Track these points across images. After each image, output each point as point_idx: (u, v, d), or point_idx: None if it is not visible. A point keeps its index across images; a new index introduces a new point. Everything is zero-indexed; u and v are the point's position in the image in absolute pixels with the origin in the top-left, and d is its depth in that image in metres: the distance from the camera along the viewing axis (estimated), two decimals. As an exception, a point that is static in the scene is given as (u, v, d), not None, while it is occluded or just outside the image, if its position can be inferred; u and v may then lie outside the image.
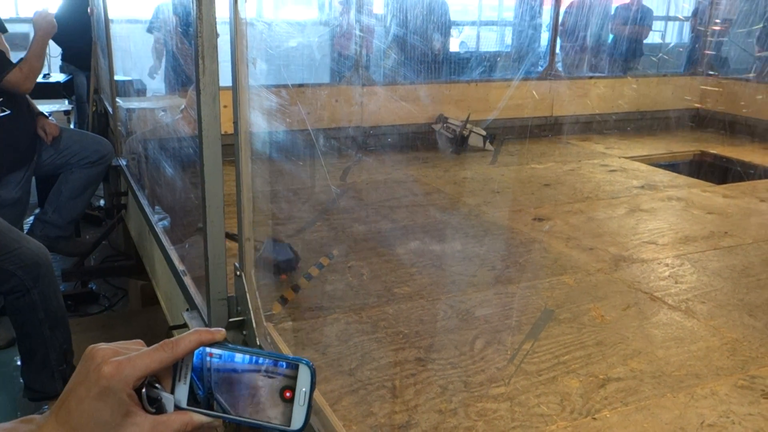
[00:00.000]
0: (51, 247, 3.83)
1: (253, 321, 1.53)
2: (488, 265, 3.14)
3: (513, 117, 5.95)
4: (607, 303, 2.78)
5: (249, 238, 1.53)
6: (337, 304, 2.67)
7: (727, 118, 6.48)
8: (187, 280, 2.17)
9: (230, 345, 0.86)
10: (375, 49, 6.43)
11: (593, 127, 6.28)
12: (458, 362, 2.29)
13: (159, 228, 2.97)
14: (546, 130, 6.10)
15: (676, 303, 2.80)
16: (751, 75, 7.02)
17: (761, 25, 6.90)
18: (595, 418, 2.01)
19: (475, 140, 5.44)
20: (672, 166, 5.37)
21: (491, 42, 11.88)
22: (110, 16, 4.70)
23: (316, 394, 1.43)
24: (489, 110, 5.82)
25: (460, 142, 5.38)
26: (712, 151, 5.72)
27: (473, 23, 12.19)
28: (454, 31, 10.95)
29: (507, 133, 5.88)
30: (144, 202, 3.59)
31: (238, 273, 1.58)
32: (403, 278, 2.95)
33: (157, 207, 3.56)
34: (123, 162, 4.49)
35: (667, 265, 3.20)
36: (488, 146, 5.46)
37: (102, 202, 6.28)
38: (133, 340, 0.88)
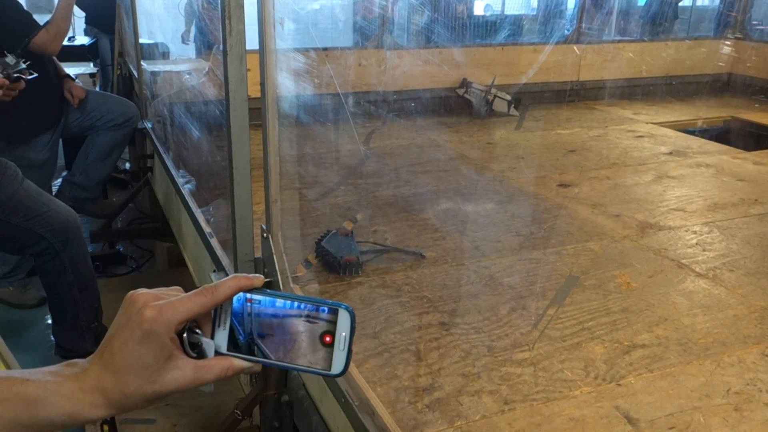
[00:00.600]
0: (78, 209, 3.88)
1: (280, 282, 1.54)
2: (513, 230, 3.12)
3: (538, 81, 5.86)
4: (633, 270, 2.76)
5: (276, 200, 1.53)
6: (362, 268, 2.68)
7: (761, 83, 6.32)
8: (214, 242, 2.19)
9: (269, 291, 0.86)
10: (398, 12, 6.34)
11: (621, 92, 6.17)
12: (482, 327, 2.29)
13: (185, 190, 2.99)
14: (572, 95, 6.00)
15: (704, 270, 2.77)
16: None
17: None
18: (619, 384, 2.01)
19: (499, 105, 5.37)
20: (701, 132, 5.27)
21: (517, 4, 11.65)
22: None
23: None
24: (514, 75, 5.73)
25: (484, 107, 5.32)
26: (742, 117, 5.59)
27: (500, -15, 11.94)
28: (479, -6, 10.76)
29: (532, 98, 5.80)
30: (170, 164, 3.61)
31: (264, 235, 1.58)
32: (427, 243, 2.95)
33: (182, 170, 3.58)
34: (149, 125, 4.51)
35: (695, 232, 3.16)
36: (513, 111, 5.39)
37: (128, 165, 6.33)
38: (172, 287, 0.89)
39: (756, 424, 1.85)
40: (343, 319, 0.83)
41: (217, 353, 0.86)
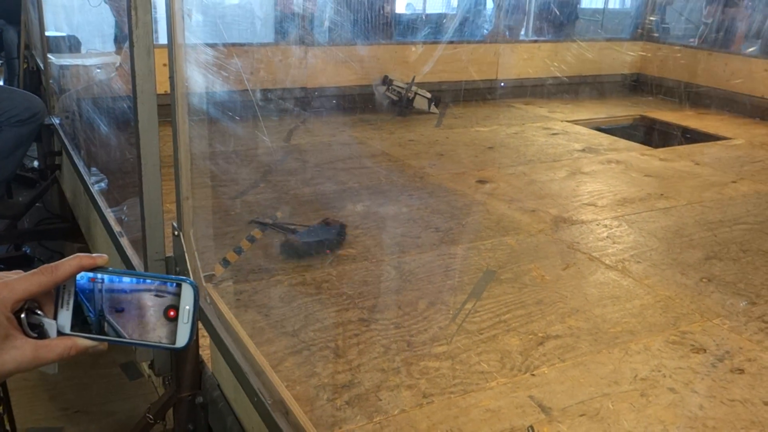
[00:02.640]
0: (-20, 210, 3.66)
1: (192, 282, 1.50)
2: (432, 226, 3.15)
3: (458, 80, 5.95)
4: (547, 263, 2.84)
5: (187, 197, 1.49)
6: (280, 266, 2.65)
7: (668, 83, 6.63)
8: (124, 242, 2.11)
9: (112, 269, 0.86)
10: (319, 9, 6.30)
11: (537, 90, 6.34)
12: (401, 322, 2.30)
13: (95, 189, 2.87)
14: (491, 93, 6.13)
15: (613, 263, 2.88)
16: (695, 42, 7.18)
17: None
18: (533, 374, 2.06)
19: (420, 103, 5.43)
20: (612, 130, 5.48)
21: (438, 3, 11.80)
22: (40, -34, 4.45)
23: (258, 354, 1.42)
24: (435, 72, 5.80)
25: (405, 105, 5.35)
26: (650, 116, 5.86)
27: (420, -16, 12.06)
28: (400, -8, 10.82)
29: (452, 96, 5.88)
30: (79, 162, 3.46)
31: (176, 233, 1.53)
32: (347, 240, 2.94)
33: (93, 168, 3.44)
34: (56, 120, 4.30)
35: (605, 226, 3.28)
36: (433, 109, 5.46)
37: (35, 162, 6.04)
38: (13, 271, 0.86)
39: (660, 408, 1.94)
40: (187, 293, 0.85)
41: (60, 333, 0.85)
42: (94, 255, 0.86)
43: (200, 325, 1.77)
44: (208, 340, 1.91)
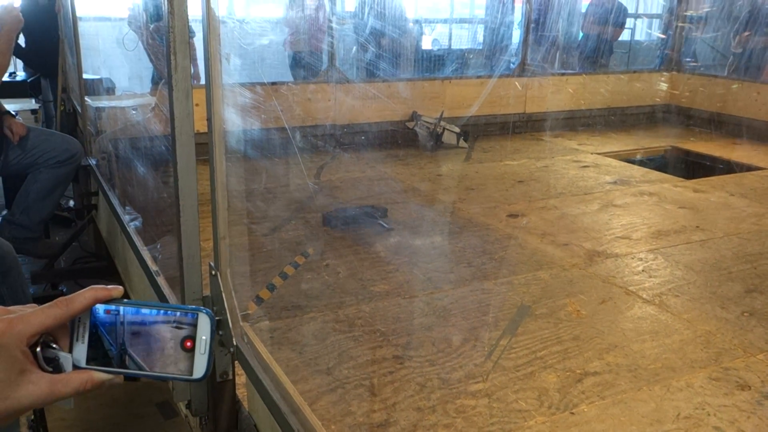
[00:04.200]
0: (19, 249, 3.74)
1: (230, 321, 1.51)
2: (464, 261, 3.14)
3: (487, 114, 5.97)
4: (582, 298, 2.80)
5: (224, 236, 1.51)
6: (314, 303, 2.65)
7: (698, 114, 6.57)
8: (161, 281, 2.13)
9: (127, 301, 0.86)
10: (345, 47, 6.41)
11: (566, 123, 6.33)
12: (436, 359, 2.28)
13: (131, 228, 2.92)
14: (519, 126, 6.13)
15: (650, 297, 2.83)
16: (724, 72, 7.14)
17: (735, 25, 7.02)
18: (572, 413, 2.02)
19: (449, 137, 5.45)
20: (644, 162, 5.44)
21: (464, 39, 11.92)
22: (78, 13, 4.61)
23: (294, 393, 1.41)
24: (463, 107, 5.83)
25: (434, 140, 5.38)
26: (682, 147, 5.80)
27: (446, 20, 12.23)
28: (426, 29, 10.98)
29: (481, 131, 5.90)
30: (115, 201, 3.52)
31: (213, 272, 1.55)
32: (379, 275, 2.94)
33: (128, 207, 3.50)
34: (93, 161, 4.40)
35: (640, 259, 3.23)
36: (462, 143, 5.47)
37: (72, 202, 6.16)
38: (28, 305, 0.86)
39: (706, 447, 1.88)
40: (203, 324, 0.84)
41: (76, 367, 0.84)
42: (109, 287, 0.86)
43: (237, 363, 1.77)
44: (243, 378, 1.91)
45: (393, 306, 2.67)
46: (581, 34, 7.79)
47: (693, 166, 5.46)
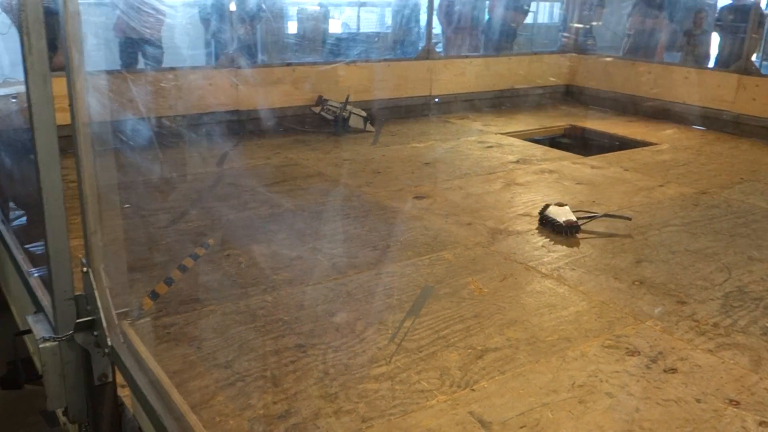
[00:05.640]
0: None
1: (104, 320, 1.43)
2: (370, 245, 3.13)
3: (394, 97, 5.97)
4: (485, 275, 2.85)
5: (95, 231, 1.42)
6: (214, 295, 2.58)
7: (595, 93, 6.82)
8: (34, 282, 2.00)
9: None
10: (251, 30, 6.26)
11: (471, 105, 6.43)
12: (339, 345, 2.26)
13: (4, 227, 2.74)
14: (426, 109, 6.18)
15: (549, 271, 2.91)
16: (620, 53, 7.42)
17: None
18: (473, 389, 2.05)
19: (355, 121, 5.42)
20: (545, 141, 5.59)
21: (372, 23, 11.89)
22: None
23: (174, 393, 1.35)
24: (369, 91, 5.81)
25: (340, 124, 5.34)
26: (581, 125, 6.00)
27: (354, 4, 12.17)
28: (335, 12, 10.89)
29: (388, 114, 5.90)
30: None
31: (84, 269, 1.46)
32: (283, 264, 2.89)
33: (11, 204, 3.29)
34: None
35: (540, 235, 3.32)
36: (369, 127, 5.46)
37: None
38: None
39: (598, 413, 1.95)
40: None
41: None
42: None
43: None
44: (135, 378, 1.83)
45: (296, 294, 2.63)
46: (487, 17, 7.91)
47: (591, 144, 5.66)
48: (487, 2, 7.88)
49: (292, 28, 8.83)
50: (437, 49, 6.50)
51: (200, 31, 6.22)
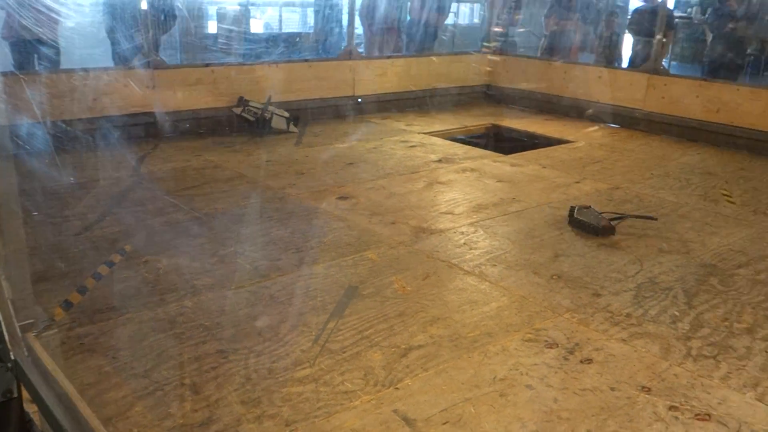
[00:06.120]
0: None
1: (5, 333, 1.36)
2: (293, 247, 3.10)
3: (316, 97, 5.95)
4: (408, 274, 2.87)
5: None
6: (131, 303, 2.50)
7: (515, 93, 6.98)
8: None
9: None
10: (168, 30, 6.10)
11: (394, 105, 6.47)
12: (262, 349, 2.23)
13: None
14: (349, 109, 6.18)
15: (471, 268, 2.96)
16: (537, 53, 7.63)
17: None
18: (397, 388, 2.06)
19: (278, 122, 5.37)
20: (466, 140, 5.69)
21: (295, 23, 11.81)
22: None
23: (84, 407, 1.30)
24: (292, 91, 5.77)
25: (262, 125, 5.27)
26: (501, 124, 6.13)
27: (276, 4, 12.04)
28: (256, 12, 10.75)
29: (311, 114, 5.87)
30: None
31: (-17, 281, 1.38)
32: (204, 268, 2.83)
33: None
34: None
35: (462, 233, 3.37)
36: (292, 128, 5.41)
37: None
38: None
39: (518, 406, 1.99)
40: None
41: None
42: None
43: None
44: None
45: (218, 299, 2.58)
46: (408, 18, 7.98)
47: (510, 142, 5.79)
48: (408, 3, 7.96)
49: (211, 27, 8.67)
50: (359, 50, 6.52)
51: (115, 31, 6.02)
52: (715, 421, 1.96)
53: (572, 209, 3.56)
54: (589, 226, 3.42)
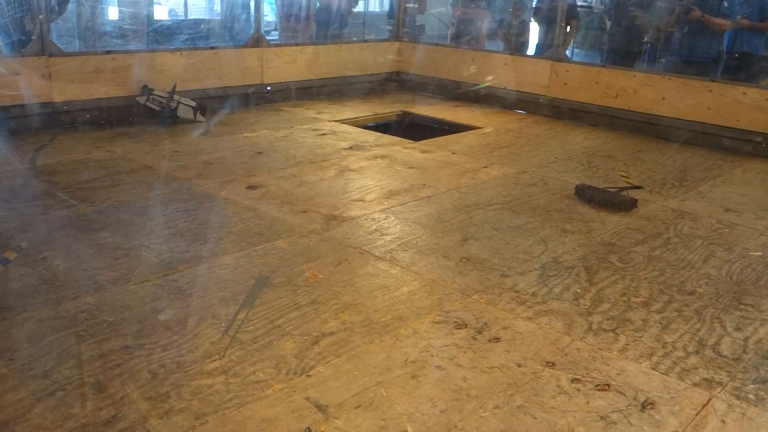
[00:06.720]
0: None
1: None
2: (201, 238, 3.03)
3: (224, 86, 5.82)
4: (320, 262, 2.87)
5: None
6: (28, 301, 2.38)
7: (424, 80, 7.06)
8: None
9: None
10: (62, 14, 5.80)
11: (304, 93, 6.42)
12: (170, 343, 2.18)
13: None
14: (258, 97, 6.08)
15: (382, 254, 2.98)
16: (447, 41, 7.73)
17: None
18: (309, 375, 2.06)
19: (184, 111, 5.22)
20: (377, 127, 5.71)
21: (202, 10, 11.49)
22: None
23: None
24: (198, 80, 5.61)
25: (168, 115, 5.12)
26: (411, 111, 6.20)
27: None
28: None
29: (219, 103, 5.74)
30: None
31: None
32: (107, 263, 2.72)
33: None
34: None
35: (373, 219, 3.39)
36: (199, 117, 5.28)
37: None
38: None
39: (429, 386, 2.03)
40: None
41: None
42: None
43: None
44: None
45: (122, 294, 2.49)
46: (317, 5, 7.91)
47: (421, 129, 5.86)
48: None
49: (112, 13, 8.31)
50: (273, 37, 6.41)
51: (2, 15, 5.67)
52: (614, 391, 2.06)
53: (581, 190, 3.87)
54: (615, 204, 3.75)
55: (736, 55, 5.86)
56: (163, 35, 7.88)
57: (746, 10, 5.78)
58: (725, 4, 5.98)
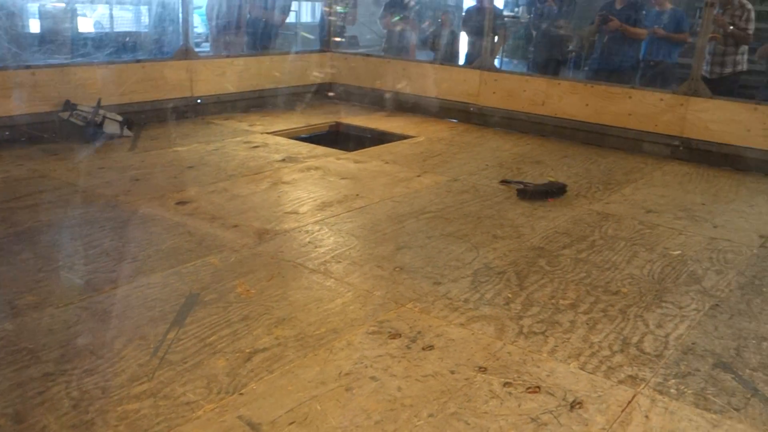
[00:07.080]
0: None
1: None
2: (128, 257, 2.95)
3: (152, 99, 5.69)
4: (252, 277, 2.83)
5: None
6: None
7: (357, 91, 7.08)
8: None
9: None
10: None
11: (235, 105, 6.34)
12: (94, 368, 2.10)
13: None
14: (188, 110, 5.97)
15: (316, 266, 2.96)
16: (379, 52, 7.77)
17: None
18: (242, 393, 2.02)
19: (110, 126, 5.08)
20: (310, 138, 5.69)
21: (128, 22, 11.22)
22: None
23: None
24: (125, 94, 5.47)
25: (93, 131, 4.96)
26: (344, 121, 6.20)
27: (107, 1, 11.38)
28: (86, 10, 10.10)
29: (147, 117, 5.61)
30: None
31: None
32: (26, 287, 2.61)
33: None
34: None
35: (307, 231, 3.37)
36: (126, 132, 5.14)
37: None
38: None
39: (364, 398, 2.03)
40: None
41: None
42: None
43: None
44: None
45: (44, 318, 2.39)
46: (248, 16, 7.84)
47: (354, 139, 5.87)
48: (248, 2, 7.82)
49: (34, 26, 8.02)
50: (204, 49, 6.29)
51: None
52: (544, 392, 2.11)
53: (517, 183, 4.21)
54: (545, 192, 4.10)
55: (653, 63, 6.10)
56: (87, 48, 7.66)
57: (662, 21, 6.04)
58: (643, 14, 6.23)
